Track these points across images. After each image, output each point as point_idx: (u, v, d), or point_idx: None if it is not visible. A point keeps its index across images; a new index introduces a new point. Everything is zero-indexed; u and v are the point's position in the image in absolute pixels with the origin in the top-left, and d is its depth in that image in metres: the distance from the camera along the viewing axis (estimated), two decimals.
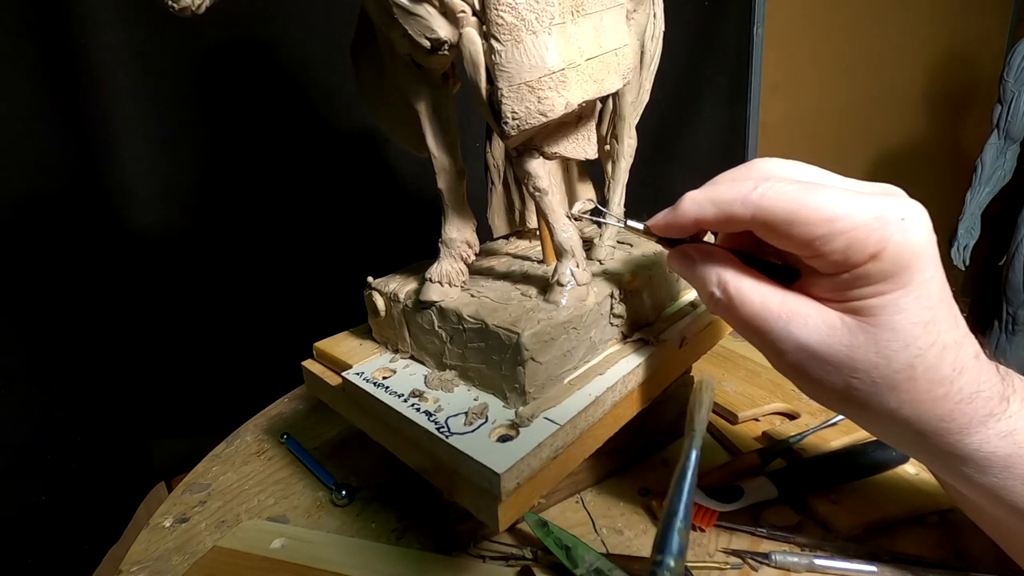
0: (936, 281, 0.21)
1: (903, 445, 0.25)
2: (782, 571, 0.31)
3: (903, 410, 0.22)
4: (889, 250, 0.20)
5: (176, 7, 0.25)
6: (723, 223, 0.24)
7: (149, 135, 0.61)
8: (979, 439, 0.22)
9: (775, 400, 0.46)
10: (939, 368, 0.21)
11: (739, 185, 0.23)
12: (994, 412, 0.22)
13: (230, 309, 0.70)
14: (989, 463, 0.23)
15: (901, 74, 1.63)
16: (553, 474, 0.27)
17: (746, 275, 0.25)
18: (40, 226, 0.55)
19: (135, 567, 0.36)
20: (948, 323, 0.22)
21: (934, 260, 0.21)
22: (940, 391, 0.22)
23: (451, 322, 0.31)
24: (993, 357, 0.24)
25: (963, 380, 0.22)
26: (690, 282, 0.27)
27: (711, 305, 0.26)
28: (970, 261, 1.35)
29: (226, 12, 0.30)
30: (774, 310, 0.23)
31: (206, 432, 0.56)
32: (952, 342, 0.22)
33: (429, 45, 0.27)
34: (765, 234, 0.23)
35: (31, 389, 0.56)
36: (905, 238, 0.20)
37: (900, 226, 0.20)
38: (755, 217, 0.22)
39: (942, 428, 0.22)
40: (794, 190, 0.21)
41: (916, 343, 0.21)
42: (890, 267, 0.20)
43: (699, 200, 0.24)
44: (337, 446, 0.47)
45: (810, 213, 0.21)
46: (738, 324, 0.25)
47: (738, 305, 0.24)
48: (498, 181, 0.44)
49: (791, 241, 0.22)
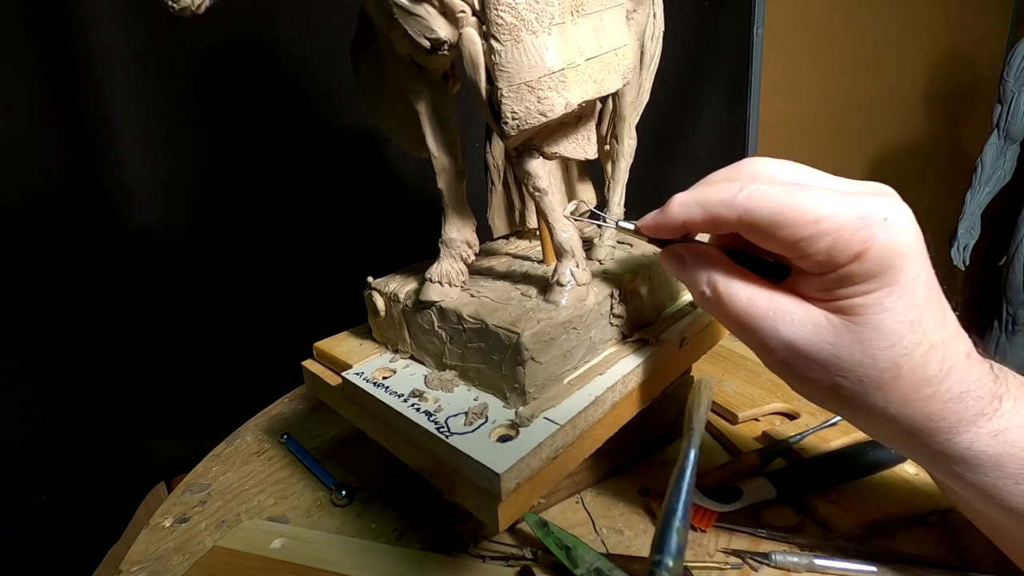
0: (922, 280, 0.21)
1: (895, 444, 0.25)
2: (782, 571, 0.31)
3: (890, 409, 0.22)
4: (873, 250, 0.20)
5: (176, 7, 0.25)
6: (710, 225, 0.24)
7: (149, 135, 0.61)
8: (969, 438, 0.22)
9: (775, 400, 0.46)
10: (926, 367, 0.21)
11: (725, 187, 0.23)
12: (985, 411, 0.22)
13: (230, 309, 0.70)
14: (980, 462, 0.23)
15: (901, 74, 1.63)
16: (553, 474, 0.27)
17: (735, 274, 0.25)
18: (40, 226, 0.55)
19: (135, 567, 0.36)
20: (935, 322, 0.22)
21: (920, 259, 0.21)
22: (927, 390, 0.22)
23: (451, 322, 0.31)
24: (992, 357, 0.24)
25: (952, 379, 0.22)
26: (682, 280, 0.27)
27: (702, 303, 0.26)
28: (970, 261, 1.35)
29: (226, 12, 0.30)
30: (761, 308, 0.23)
31: (206, 432, 0.56)
32: (939, 341, 0.22)
33: (429, 45, 0.27)
34: (751, 236, 0.23)
35: (31, 389, 0.56)
36: (889, 238, 0.20)
37: (884, 226, 0.20)
38: (741, 219, 0.22)
39: (931, 427, 0.22)
40: (779, 192, 0.22)
41: (901, 342, 0.21)
42: (874, 267, 0.20)
43: (686, 202, 0.24)
44: (337, 446, 0.47)
45: (794, 215, 0.21)
46: (728, 322, 0.25)
47: (727, 303, 0.24)
48: (498, 181, 0.44)
49: (776, 243, 0.22)
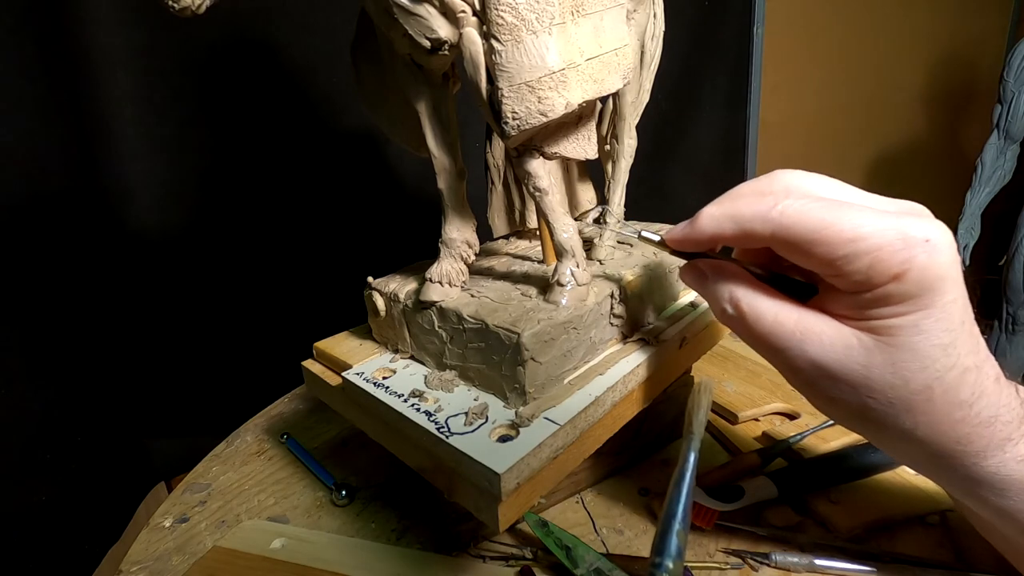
0: (958, 304, 0.21)
1: (920, 466, 0.25)
2: (782, 571, 0.31)
3: (919, 431, 0.22)
4: (913, 271, 0.20)
5: (176, 7, 0.25)
6: (742, 239, 0.23)
7: (149, 135, 0.61)
8: (996, 462, 0.22)
9: (775, 400, 0.46)
10: (958, 391, 0.21)
11: (759, 201, 0.22)
12: (1012, 436, 0.22)
13: (230, 309, 0.70)
14: (1006, 486, 0.23)
15: (901, 74, 1.63)
16: (553, 474, 0.27)
17: (759, 291, 0.24)
18: (40, 226, 0.55)
19: (135, 567, 0.36)
20: (969, 346, 0.21)
21: (957, 282, 0.21)
22: (958, 414, 0.21)
23: (451, 322, 0.31)
24: (993, 357, 0.23)
25: (981, 404, 0.22)
26: (703, 296, 0.27)
27: (724, 320, 0.25)
28: (970, 261, 1.35)
29: (226, 12, 0.30)
30: (788, 327, 0.23)
31: (206, 432, 0.56)
32: (972, 365, 0.21)
33: (429, 45, 0.27)
34: (785, 252, 0.22)
35: (31, 389, 0.56)
36: (930, 260, 0.20)
37: (925, 247, 0.20)
38: (775, 235, 0.22)
39: (959, 451, 0.22)
40: (816, 208, 0.21)
41: (935, 365, 0.21)
42: (913, 288, 0.20)
43: (717, 216, 0.24)
44: (337, 446, 0.47)
45: (833, 233, 0.20)
46: (752, 341, 0.24)
47: (751, 322, 0.24)
48: (498, 181, 0.44)
49: (812, 260, 0.21)
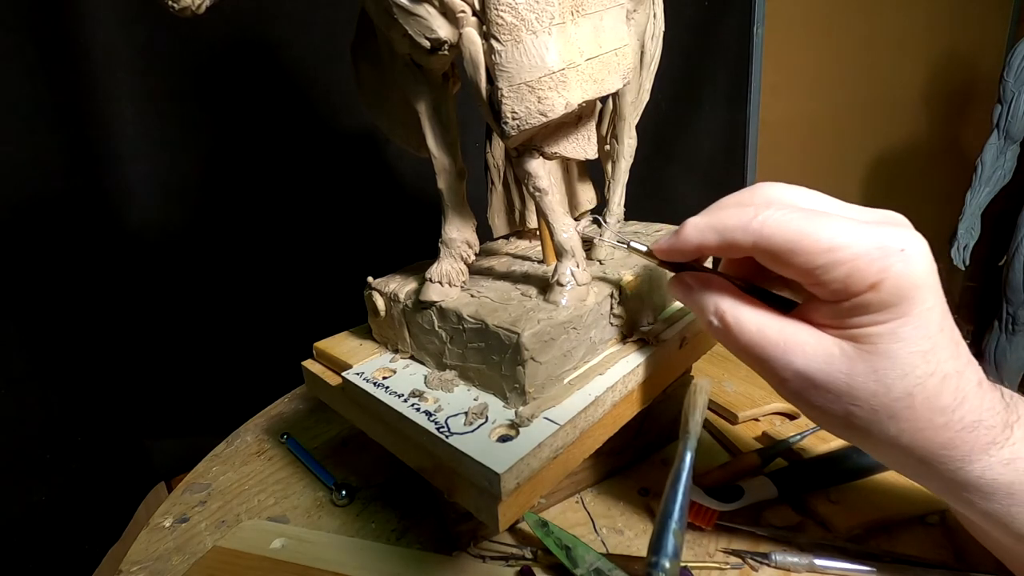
0: (936, 311, 0.21)
1: (907, 472, 0.25)
2: (782, 571, 0.31)
3: (903, 438, 0.22)
4: (889, 280, 0.20)
5: (176, 7, 0.25)
6: (725, 250, 0.24)
7: (149, 135, 0.61)
8: (981, 467, 0.22)
9: (775, 400, 0.46)
10: (939, 397, 0.21)
11: (740, 212, 0.23)
12: (996, 440, 0.22)
13: (230, 309, 0.70)
14: (992, 490, 0.23)
15: (901, 74, 1.63)
16: (553, 474, 0.27)
17: (744, 303, 0.25)
18: (40, 226, 0.55)
19: (135, 567, 0.36)
20: (948, 352, 0.22)
21: (935, 290, 0.21)
22: (940, 420, 0.22)
23: (451, 322, 0.31)
24: (992, 357, 0.23)
25: (964, 409, 0.22)
26: (690, 308, 0.27)
27: (711, 332, 0.26)
28: (970, 261, 1.35)
29: (226, 12, 0.30)
30: (772, 338, 0.23)
31: (206, 432, 0.56)
32: (953, 371, 0.22)
33: (429, 45, 0.27)
34: (766, 261, 0.23)
35: (31, 389, 0.56)
36: (906, 269, 0.20)
37: (901, 257, 0.20)
38: (756, 245, 0.22)
39: (944, 456, 0.22)
40: (795, 218, 0.22)
41: (915, 372, 0.21)
42: (890, 297, 0.20)
43: (701, 226, 0.24)
44: (337, 446, 0.47)
45: (811, 242, 0.21)
46: (737, 351, 0.25)
47: (736, 333, 0.24)
48: (498, 181, 0.44)
49: (792, 269, 0.22)
